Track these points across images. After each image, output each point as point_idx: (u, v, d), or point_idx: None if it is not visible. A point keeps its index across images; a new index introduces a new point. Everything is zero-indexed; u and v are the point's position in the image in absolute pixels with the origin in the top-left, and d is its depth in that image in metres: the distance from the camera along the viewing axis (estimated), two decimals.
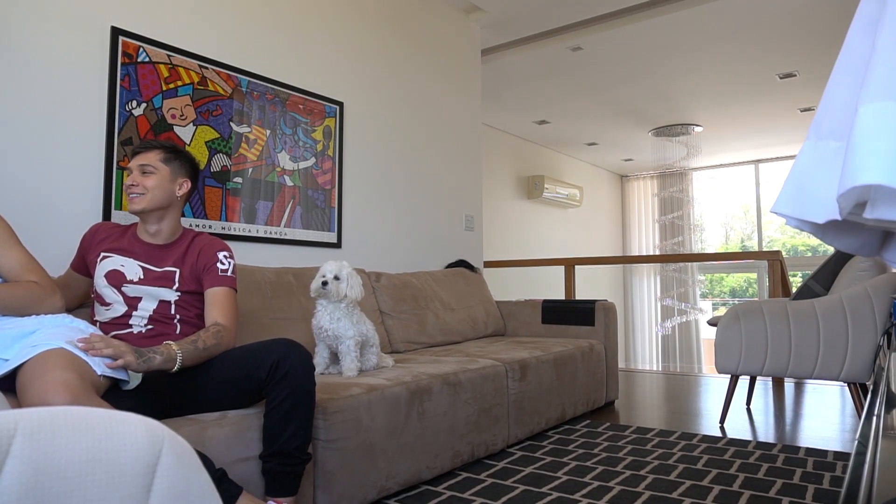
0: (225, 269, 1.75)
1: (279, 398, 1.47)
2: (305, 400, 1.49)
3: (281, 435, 1.48)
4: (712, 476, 2.10)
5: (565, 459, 2.31)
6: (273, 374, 1.47)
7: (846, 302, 2.65)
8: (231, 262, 1.77)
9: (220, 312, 1.68)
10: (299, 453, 1.50)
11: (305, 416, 1.50)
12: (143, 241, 1.75)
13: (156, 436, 0.48)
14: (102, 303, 1.68)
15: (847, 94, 0.66)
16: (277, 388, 1.47)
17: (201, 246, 1.77)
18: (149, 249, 1.74)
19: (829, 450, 2.43)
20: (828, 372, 2.67)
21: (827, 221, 0.68)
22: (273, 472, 1.49)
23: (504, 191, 6.94)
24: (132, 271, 1.69)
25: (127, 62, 2.32)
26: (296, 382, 1.47)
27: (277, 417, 1.47)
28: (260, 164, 2.81)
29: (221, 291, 1.72)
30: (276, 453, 1.48)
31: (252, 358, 1.51)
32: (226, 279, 1.74)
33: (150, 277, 1.70)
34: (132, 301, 1.67)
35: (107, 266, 1.70)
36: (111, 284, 1.67)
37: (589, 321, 3.44)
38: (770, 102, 6.08)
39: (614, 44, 4.72)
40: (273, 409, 1.48)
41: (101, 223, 1.84)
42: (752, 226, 8.75)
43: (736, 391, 3.15)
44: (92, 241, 1.77)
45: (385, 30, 3.60)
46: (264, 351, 1.50)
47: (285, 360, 1.47)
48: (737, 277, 9.41)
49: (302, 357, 1.50)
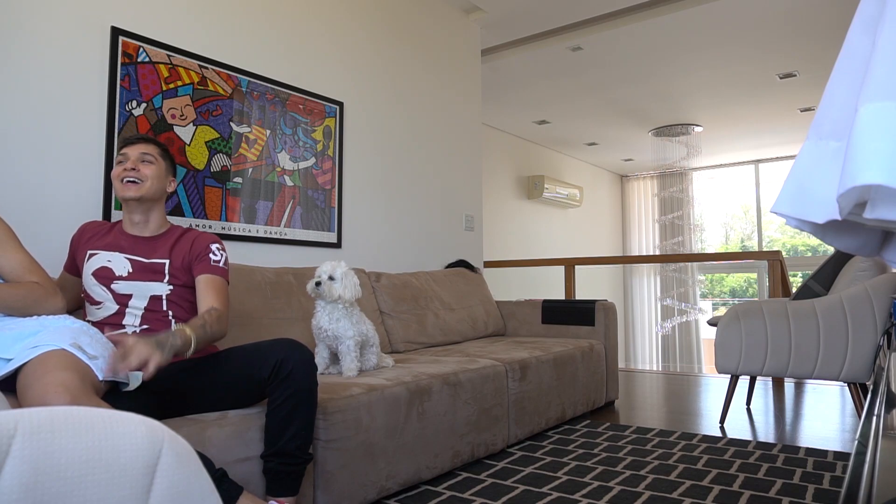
0: (217, 259, 1.72)
1: (281, 398, 1.47)
2: (307, 400, 1.49)
3: (283, 435, 1.48)
4: (712, 476, 2.10)
5: (565, 459, 2.32)
6: (276, 374, 1.47)
7: (846, 302, 2.65)
8: (223, 254, 1.75)
9: (215, 298, 1.65)
10: (301, 453, 1.50)
11: (307, 416, 1.50)
12: (129, 235, 1.72)
13: (156, 436, 0.48)
14: (92, 302, 1.65)
15: (847, 93, 0.66)
16: (280, 389, 1.47)
17: (193, 238, 1.75)
18: (135, 242, 1.71)
19: (829, 450, 2.43)
20: (828, 372, 2.67)
21: (827, 221, 0.68)
22: (274, 471, 1.49)
23: (504, 191, 6.94)
24: (120, 266, 1.66)
25: (127, 62, 2.32)
26: (298, 383, 1.47)
27: (279, 417, 1.48)
28: (260, 164, 2.81)
29: (215, 279, 1.69)
30: (278, 453, 1.48)
31: (255, 358, 1.51)
32: (218, 269, 1.71)
33: (139, 269, 1.66)
34: (122, 298, 1.64)
35: (94, 264, 1.67)
36: (100, 282, 1.65)
37: (589, 321, 3.44)
38: (770, 102, 6.08)
39: (614, 44, 4.72)
40: (275, 409, 1.48)
41: (88, 223, 1.82)
42: (752, 226, 8.75)
43: (736, 391, 3.14)
44: (80, 240, 1.75)
45: (385, 30, 3.60)
46: (267, 351, 1.50)
47: (288, 360, 1.47)
48: (737, 277, 9.41)
49: (304, 357, 1.50)
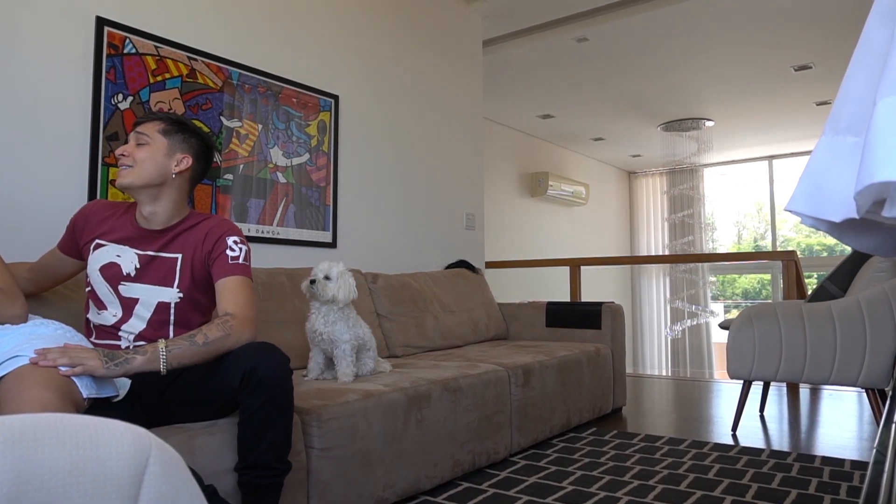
0: (236, 255, 1.61)
1: (253, 407, 1.41)
2: (283, 407, 1.44)
3: (257, 446, 1.43)
4: (724, 486, 2.10)
5: (571, 469, 2.31)
6: (246, 382, 1.40)
7: (864, 304, 2.65)
8: (243, 247, 1.64)
9: (230, 302, 1.55)
10: (279, 464, 1.46)
11: (283, 424, 1.45)
12: (138, 226, 1.62)
13: (143, 444, 0.48)
14: (98, 303, 1.59)
15: (865, 87, 0.66)
16: (252, 397, 1.40)
17: (208, 228, 1.64)
18: (147, 234, 1.62)
19: (846, 458, 2.43)
20: (845, 377, 2.67)
21: (844, 220, 0.68)
22: (251, 485, 1.44)
23: (506, 188, 6.95)
24: (128, 262, 1.58)
25: (113, 54, 2.32)
26: (271, 390, 1.41)
27: (253, 427, 1.42)
28: (252, 161, 2.81)
29: (232, 280, 1.58)
30: (254, 465, 1.43)
31: (224, 365, 1.44)
32: (237, 267, 1.60)
33: (146, 266, 1.59)
34: (128, 303, 1.58)
35: (101, 258, 1.59)
36: (107, 281, 1.58)
37: (595, 324, 3.44)
38: (784, 96, 6.08)
39: (622, 34, 4.72)
40: (248, 419, 1.42)
41: (95, 202, 1.70)
42: (766, 224, 8.75)
43: (749, 397, 3.15)
44: (86, 223, 1.65)
45: (382, 20, 3.60)
46: (235, 358, 1.43)
47: (258, 366, 1.40)
48: (750, 279, 9.41)
49: (276, 361, 1.43)
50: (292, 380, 1.49)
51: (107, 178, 2.28)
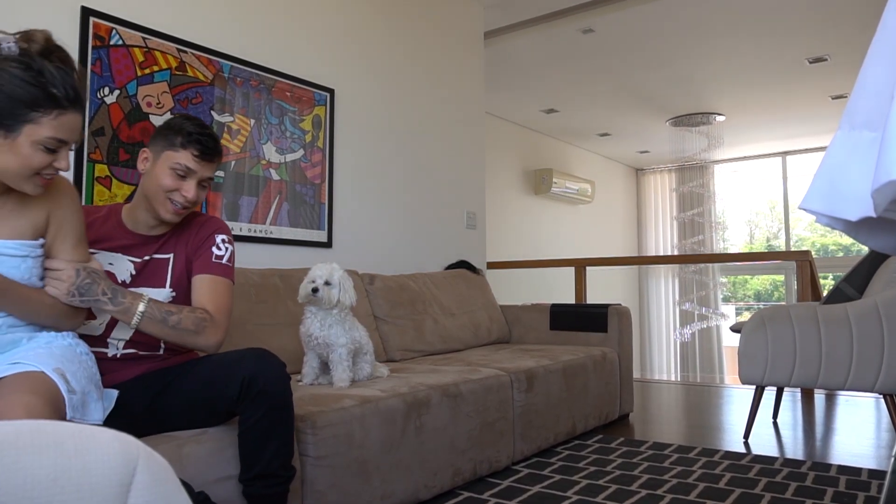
0: (221, 255, 1.61)
1: (254, 417, 1.41)
2: (284, 415, 1.45)
3: (261, 456, 1.44)
4: (735, 496, 2.10)
5: (576, 478, 2.32)
6: (245, 391, 1.40)
7: (882, 306, 2.65)
8: (229, 248, 1.64)
9: (211, 302, 1.55)
10: (284, 471, 1.49)
11: (286, 431, 1.47)
12: (130, 232, 1.62)
13: (130, 452, 0.48)
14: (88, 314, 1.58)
15: (883, 80, 0.66)
16: (252, 407, 1.41)
17: (199, 225, 1.65)
18: (140, 241, 1.62)
19: (862, 467, 2.43)
20: (861, 382, 2.66)
21: (860, 219, 0.68)
22: (258, 496, 1.46)
23: (509, 185, 6.95)
24: (123, 269, 1.58)
25: (98, 45, 2.32)
26: (272, 399, 1.42)
27: (254, 437, 1.43)
28: (244, 157, 2.81)
29: (215, 280, 1.58)
30: (260, 475, 1.45)
31: (220, 374, 1.44)
32: (220, 267, 1.60)
33: (141, 271, 1.59)
34: None
35: None
36: None
37: (601, 327, 3.44)
38: (799, 89, 6.08)
39: (629, 25, 4.72)
40: (249, 429, 1.43)
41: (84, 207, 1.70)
42: (779, 223, 8.75)
43: (761, 403, 3.14)
44: None
45: (379, 10, 3.60)
46: (233, 366, 1.43)
47: (257, 376, 1.40)
48: (762, 280, 9.41)
49: (275, 369, 1.44)
50: (291, 386, 1.50)
51: (92, 175, 2.28)
